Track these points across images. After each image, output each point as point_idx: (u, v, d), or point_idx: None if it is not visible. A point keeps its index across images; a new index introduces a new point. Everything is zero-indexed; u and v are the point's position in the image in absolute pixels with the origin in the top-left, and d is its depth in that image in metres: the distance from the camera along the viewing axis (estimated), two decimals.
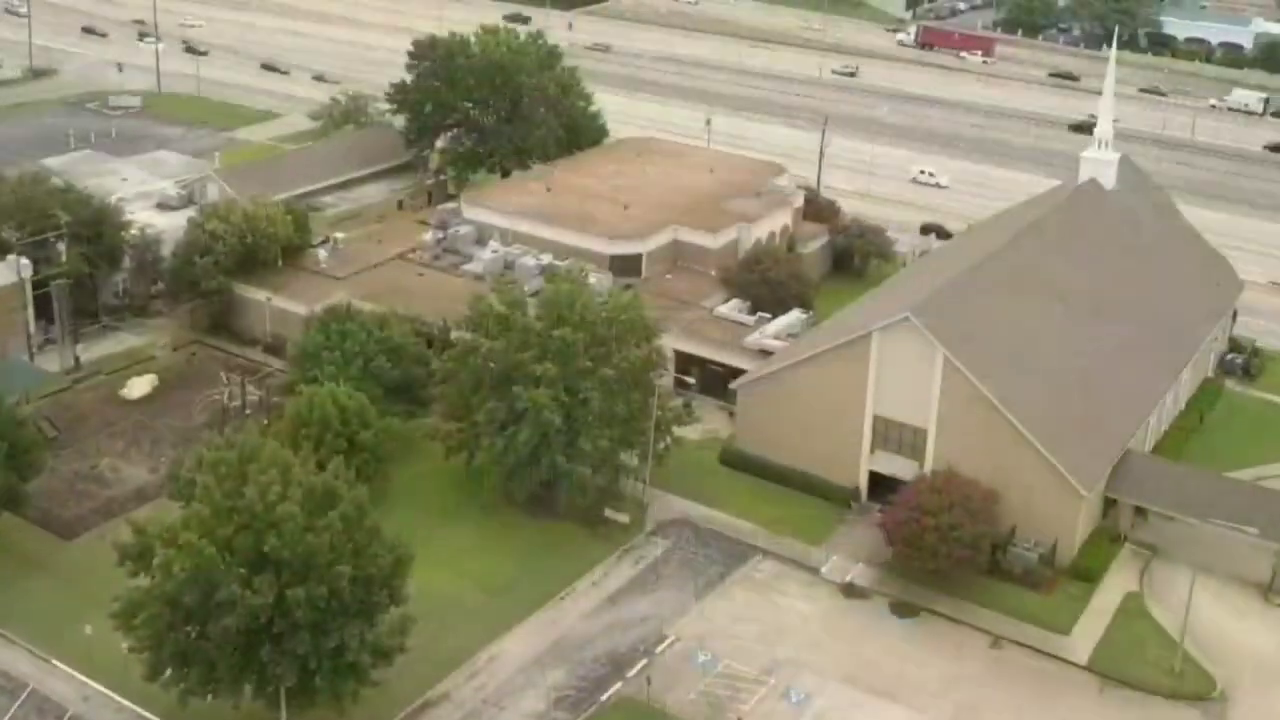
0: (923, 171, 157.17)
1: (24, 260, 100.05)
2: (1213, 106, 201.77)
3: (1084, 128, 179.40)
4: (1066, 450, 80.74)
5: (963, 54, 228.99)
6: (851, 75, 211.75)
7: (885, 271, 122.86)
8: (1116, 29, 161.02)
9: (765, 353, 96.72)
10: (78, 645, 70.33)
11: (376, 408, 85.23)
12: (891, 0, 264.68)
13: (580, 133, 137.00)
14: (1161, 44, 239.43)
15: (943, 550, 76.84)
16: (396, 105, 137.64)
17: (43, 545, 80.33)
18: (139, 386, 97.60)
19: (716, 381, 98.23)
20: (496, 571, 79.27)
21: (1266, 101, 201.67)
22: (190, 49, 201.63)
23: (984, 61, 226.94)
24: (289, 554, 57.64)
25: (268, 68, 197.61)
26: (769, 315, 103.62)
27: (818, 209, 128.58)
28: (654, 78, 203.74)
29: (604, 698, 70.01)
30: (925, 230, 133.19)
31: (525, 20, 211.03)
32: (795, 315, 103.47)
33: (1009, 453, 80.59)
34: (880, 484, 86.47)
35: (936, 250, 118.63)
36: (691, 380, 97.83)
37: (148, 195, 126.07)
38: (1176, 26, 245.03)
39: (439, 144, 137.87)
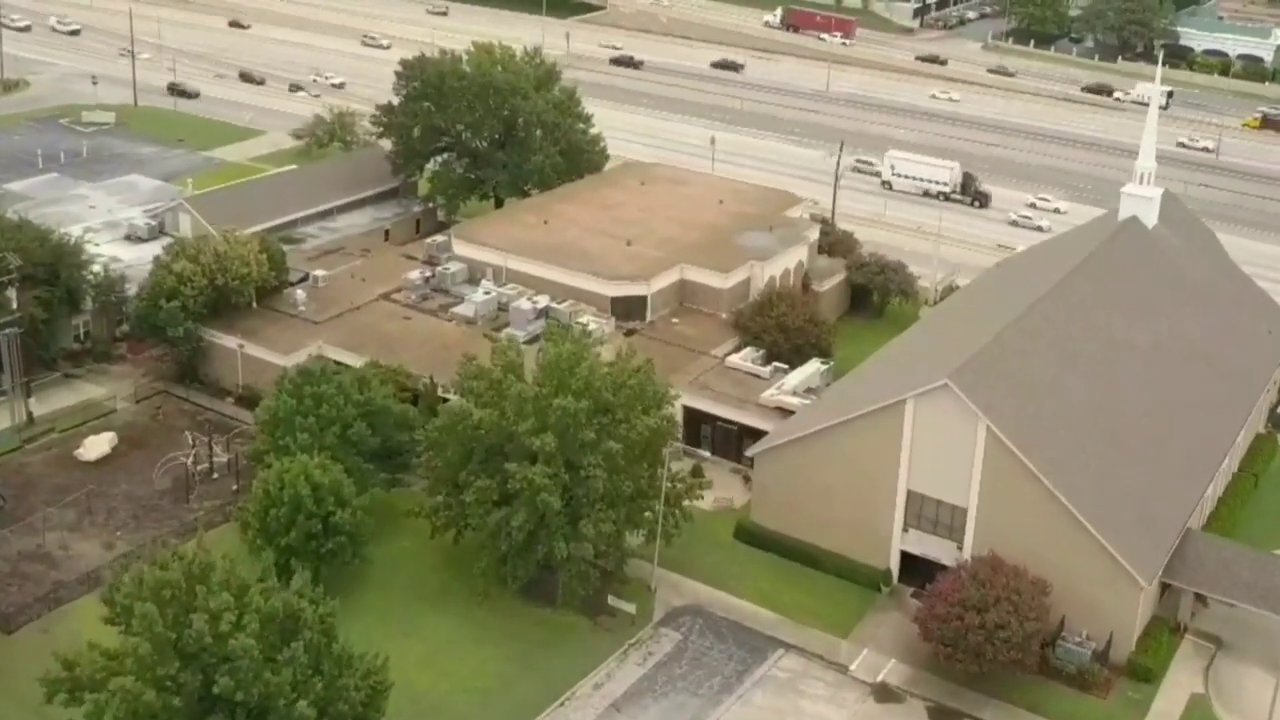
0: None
1: None
2: (1118, 100, 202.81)
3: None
4: (1124, 533, 72.44)
5: (824, 36, 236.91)
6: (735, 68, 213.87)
7: (906, 311, 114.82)
8: (1162, 53, 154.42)
9: (783, 410, 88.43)
10: None
11: (355, 477, 77.06)
12: (899, 10, 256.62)
13: (579, 158, 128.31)
14: (1179, 56, 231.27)
15: (988, 652, 68.55)
16: (382, 128, 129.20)
17: None
18: (96, 446, 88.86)
19: (729, 441, 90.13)
20: (487, 671, 70.75)
21: (1170, 95, 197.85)
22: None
23: (843, 43, 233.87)
24: (243, 695, 49.17)
25: (246, 78, 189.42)
26: (785, 366, 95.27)
27: (833, 242, 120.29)
28: None
29: None
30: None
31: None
32: (814, 366, 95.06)
33: (1059, 537, 72.24)
34: (913, 565, 78.29)
35: (966, 290, 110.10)
36: (705, 454, 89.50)
37: (115, 225, 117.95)
38: (1194, 38, 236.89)
39: (429, 168, 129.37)
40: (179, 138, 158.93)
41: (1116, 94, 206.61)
